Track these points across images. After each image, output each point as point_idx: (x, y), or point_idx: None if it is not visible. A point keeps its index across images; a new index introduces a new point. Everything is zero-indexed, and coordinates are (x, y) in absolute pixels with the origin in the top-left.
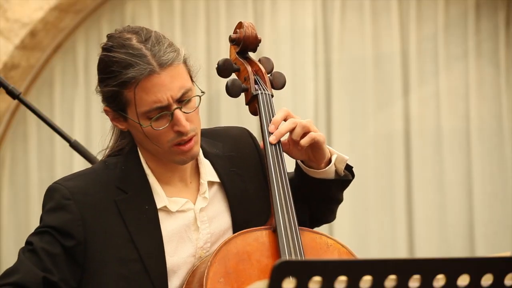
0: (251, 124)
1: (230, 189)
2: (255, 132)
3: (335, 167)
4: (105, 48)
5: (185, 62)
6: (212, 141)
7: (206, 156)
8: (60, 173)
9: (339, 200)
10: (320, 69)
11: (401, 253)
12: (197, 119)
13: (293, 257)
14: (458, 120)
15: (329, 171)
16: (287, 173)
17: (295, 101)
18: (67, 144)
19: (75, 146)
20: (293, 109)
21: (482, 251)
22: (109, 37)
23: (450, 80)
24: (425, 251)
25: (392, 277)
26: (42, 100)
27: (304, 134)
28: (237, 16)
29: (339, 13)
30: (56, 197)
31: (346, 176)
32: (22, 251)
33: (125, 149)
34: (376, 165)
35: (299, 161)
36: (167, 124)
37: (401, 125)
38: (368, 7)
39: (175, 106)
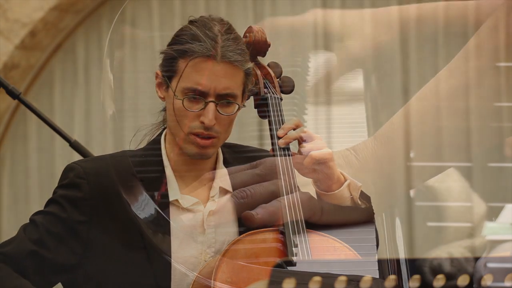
0: (251, 125)
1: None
2: (259, 135)
3: (351, 194)
4: (190, 21)
5: (246, 74)
6: (236, 156)
7: (226, 165)
8: (60, 173)
9: None
10: (319, 69)
11: (401, 253)
12: (226, 127)
13: (301, 259)
14: (458, 120)
15: (341, 195)
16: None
17: (295, 101)
18: (67, 144)
19: (75, 146)
20: (292, 109)
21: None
22: (200, 17)
23: (450, 80)
24: (425, 251)
25: (392, 277)
26: (42, 100)
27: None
28: (237, 16)
29: (339, 13)
30: (71, 175)
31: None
32: (24, 225)
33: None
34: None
35: (314, 187)
36: (196, 111)
37: (401, 125)
38: (368, 7)
39: (211, 99)
